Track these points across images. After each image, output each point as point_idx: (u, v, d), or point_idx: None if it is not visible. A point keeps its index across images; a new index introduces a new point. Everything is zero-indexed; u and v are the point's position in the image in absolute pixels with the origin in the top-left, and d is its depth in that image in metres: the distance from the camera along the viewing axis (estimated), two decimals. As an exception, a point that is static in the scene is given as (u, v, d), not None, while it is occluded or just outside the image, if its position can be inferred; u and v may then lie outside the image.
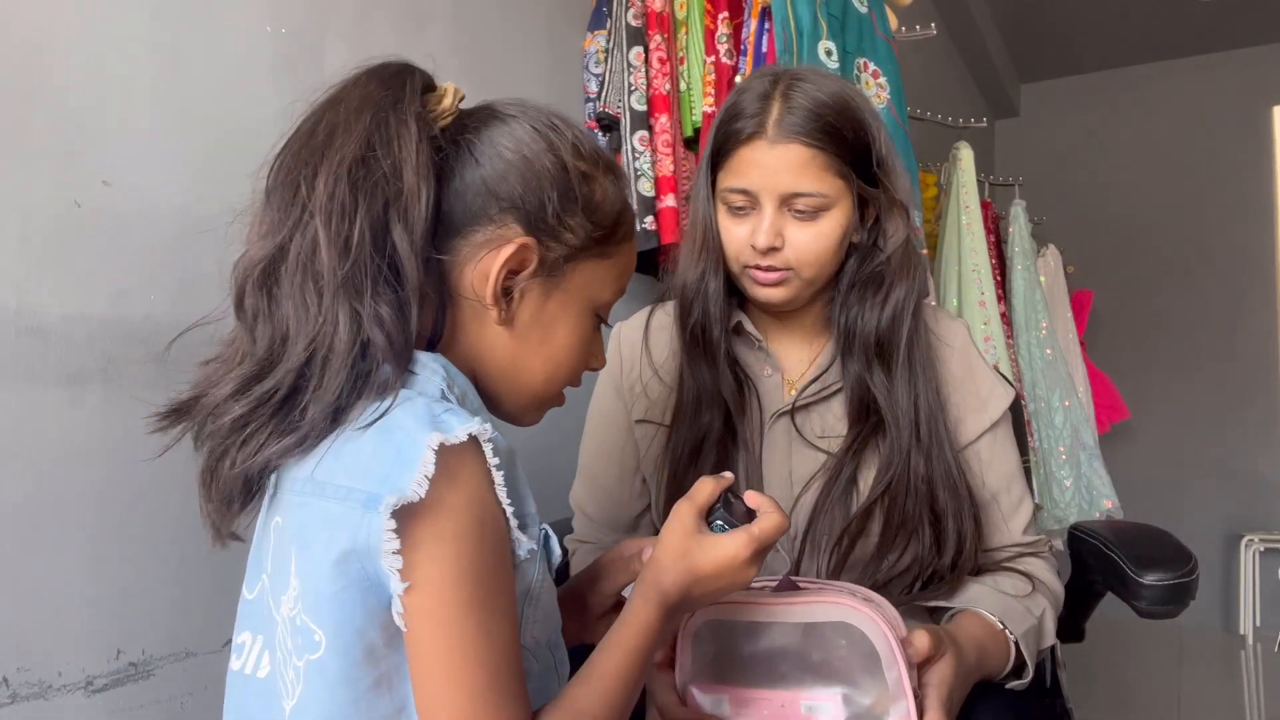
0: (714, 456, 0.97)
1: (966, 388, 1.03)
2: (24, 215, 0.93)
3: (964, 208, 2.77)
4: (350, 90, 0.63)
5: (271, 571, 0.62)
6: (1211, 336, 4.35)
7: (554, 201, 0.65)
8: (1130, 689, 3.15)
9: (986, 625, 0.90)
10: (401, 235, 0.59)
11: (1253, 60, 4.36)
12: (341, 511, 0.57)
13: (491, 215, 0.64)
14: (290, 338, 0.58)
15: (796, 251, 0.94)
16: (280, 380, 0.58)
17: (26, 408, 0.93)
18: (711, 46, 1.81)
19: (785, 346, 1.05)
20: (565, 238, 0.66)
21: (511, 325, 0.66)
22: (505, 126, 0.66)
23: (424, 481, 0.54)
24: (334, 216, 0.58)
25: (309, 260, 0.58)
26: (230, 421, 0.59)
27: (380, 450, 0.56)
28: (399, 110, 0.61)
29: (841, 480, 0.96)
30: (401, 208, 0.59)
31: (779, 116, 0.92)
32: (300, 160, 0.61)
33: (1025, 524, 1.01)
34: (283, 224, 0.59)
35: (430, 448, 0.54)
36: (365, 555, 0.55)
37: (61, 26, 0.97)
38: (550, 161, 0.65)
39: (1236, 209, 4.36)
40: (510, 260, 0.63)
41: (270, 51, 1.20)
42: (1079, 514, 2.83)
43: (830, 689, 0.73)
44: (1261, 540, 3.97)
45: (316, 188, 0.59)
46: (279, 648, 0.60)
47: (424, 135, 0.62)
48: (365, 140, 0.60)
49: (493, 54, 1.60)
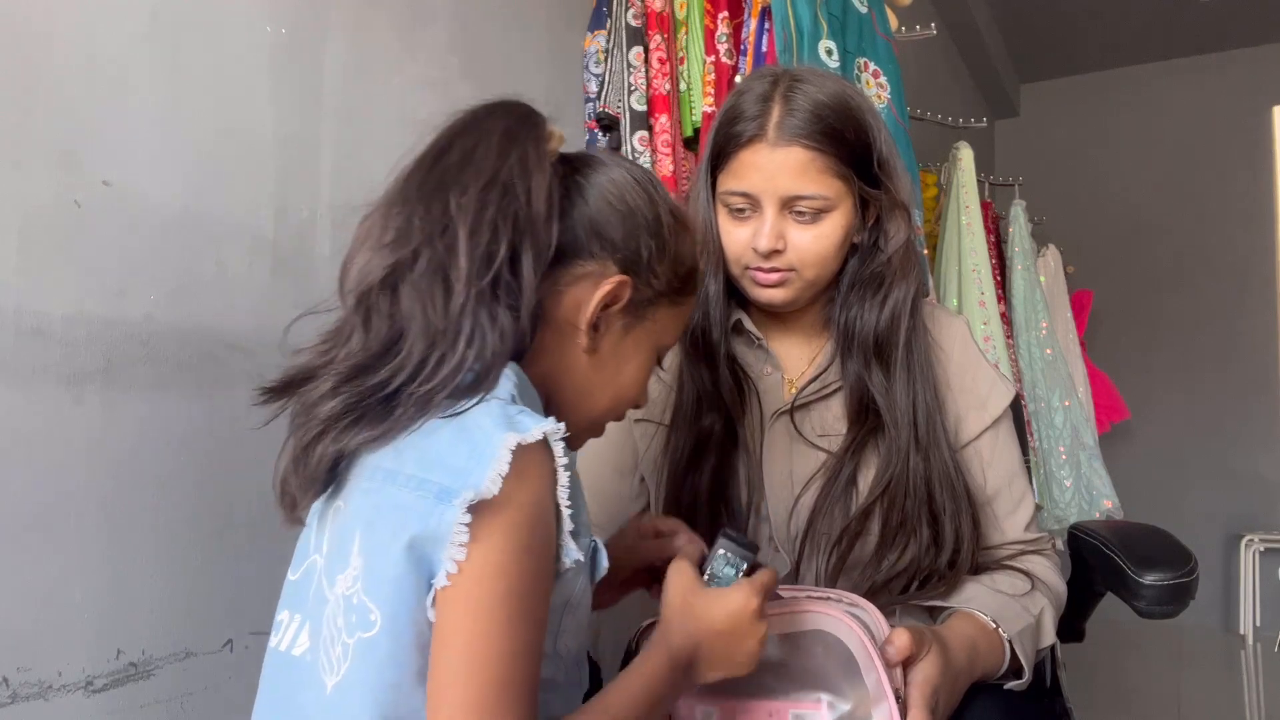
0: (714, 458, 0.97)
1: (966, 386, 1.03)
2: (24, 215, 0.93)
3: (964, 208, 2.77)
4: (485, 121, 0.68)
5: (328, 552, 0.64)
6: (1211, 337, 4.35)
7: (649, 248, 0.71)
8: (1130, 689, 3.15)
9: (979, 625, 0.89)
10: (528, 258, 0.64)
11: (1253, 60, 4.36)
12: (413, 501, 0.59)
13: (593, 252, 0.70)
14: (408, 336, 0.62)
15: (798, 253, 0.94)
16: (391, 374, 0.61)
17: (26, 408, 0.93)
18: (711, 46, 1.81)
19: (785, 346, 1.05)
20: (653, 282, 0.72)
21: (594, 353, 0.71)
22: (610, 175, 0.72)
23: (498, 479, 0.57)
24: (479, 232, 0.63)
25: (443, 268, 0.62)
26: (334, 407, 0.62)
27: (456, 446, 0.60)
28: (537, 147, 0.67)
29: (841, 480, 0.96)
30: (533, 233, 0.64)
31: (779, 119, 0.92)
32: (434, 179, 0.65)
33: (1026, 521, 1.01)
34: (414, 233, 0.63)
35: (508, 448, 0.57)
36: (431, 543, 0.58)
37: (61, 26, 0.97)
38: (649, 213, 0.72)
39: (1236, 209, 4.36)
40: (607, 294, 0.69)
41: (270, 51, 1.20)
42: (1079, 514, 2.83)
43: (815, 696, 0.74)
44: (1261, 540, 3.97)
45: (462, 204, 0.63)
46: (327, 624, 0.62)
47: (553, 172, 0.67)
48: (506, 168, 0.65)
49: (493, 54, 1.60)
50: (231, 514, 1.12)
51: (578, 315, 0.69)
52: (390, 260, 0.63)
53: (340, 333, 0.66)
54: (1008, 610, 0.91)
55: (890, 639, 0.77)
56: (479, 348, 0.62)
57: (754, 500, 0.98)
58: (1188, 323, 4.40)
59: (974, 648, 0.87)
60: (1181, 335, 4.40)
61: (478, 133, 0.67)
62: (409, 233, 0.64)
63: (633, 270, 0.70)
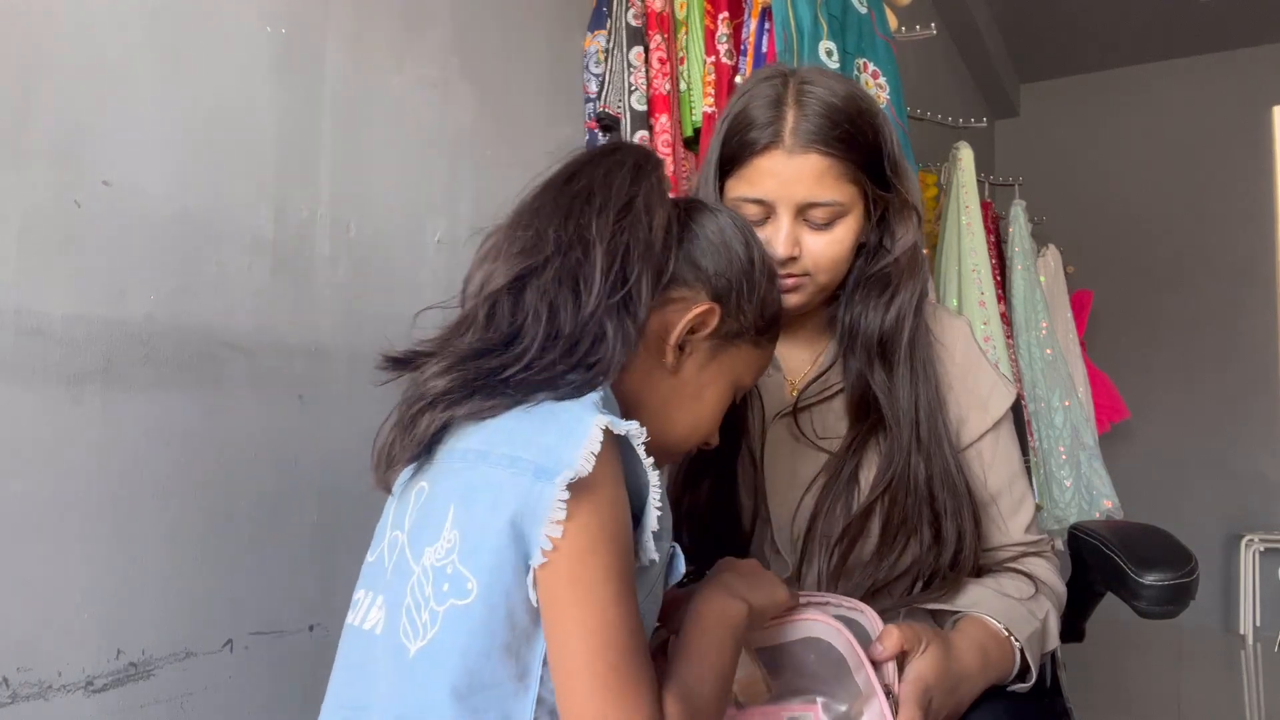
0: (715, 462, 0.97)
1: (968, 386, 1.02)
2: (24, 215, 0.93)
3: (964, 208, 2.77)
4: (613, 155, 0.74)
5: (412, 528, 0.67)
6: (1211, 337, 4.35)
7: (740, 288, 0.77)
8: (1130, 689, 3.15)
9: (990, 631, 0.89)
10: (646, 280, 0.70)
11: (1253, 60, 4.36)
12: (508, 478, 0.62)
13: (689, 280, 0.75)
14: (528, 332, 0.67)
15: (813, 259, 0.94)
16: (505, 364, 0.66)
17: (26, 408, 0.94)
18: (711, 46, 1.81)
19: (788, 347, 1.05)
20: (739, 318, 0.77)
21: (677, 374, 0.76)
22: (715, 219, 0.79)
23: (590, 458, 0.60)
24: (614, 250, 0.69)
25: (575, 278, 0.68)
26: (447, 384, 0.66)
27: (545, 426, 0.63)
28: (660, 184, 0.74)
29: (842, 478, 0.96)
30: (653, 259, 0.71)
31: (795, 124, 0.91)
32: (565, 201, 0.71)
33: (1027, 523, 1.01)
34: (545, 245, 0.69)
35: (599, 427, 0.61)
36: (530, 520, 0.60)
37: (61, 26, 0.97)
38: (744, 256, 0.78)
39: (1236, 209, 4.36)
40: (696, 318, 0.74)
41: (270, 51, 1.20)
42: (1079, 514, 2.83)
43: (809, 699, 0.76)
44: (1261, 540, 3.97)
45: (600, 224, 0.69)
46: (412, 593, 0.64)
47: (670, 202, 0.74)
48: (638, 197, 0.71)
49: (493, 54, 1.60)
50: (232, 514, 1.12)
51: (667, 335, 0.74)
52: (519, 267, 0.68)
53: (461, 325, 0.70)
54: (1015, 614, 0.91)
55: (880, 637, 0.78)
56: (599, 354, 0.66)
57: (756, 503, 0.98)
58: (1188, 323, 4.40)
59: (985, 653, 0.87)
60: (1181, 335, 4.40)
61: (608, 164, 0.73)
62: (540, 244, 0.69)
63: (722, 301, 0.76)
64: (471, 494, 0.64)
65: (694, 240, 0.77)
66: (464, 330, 0.69)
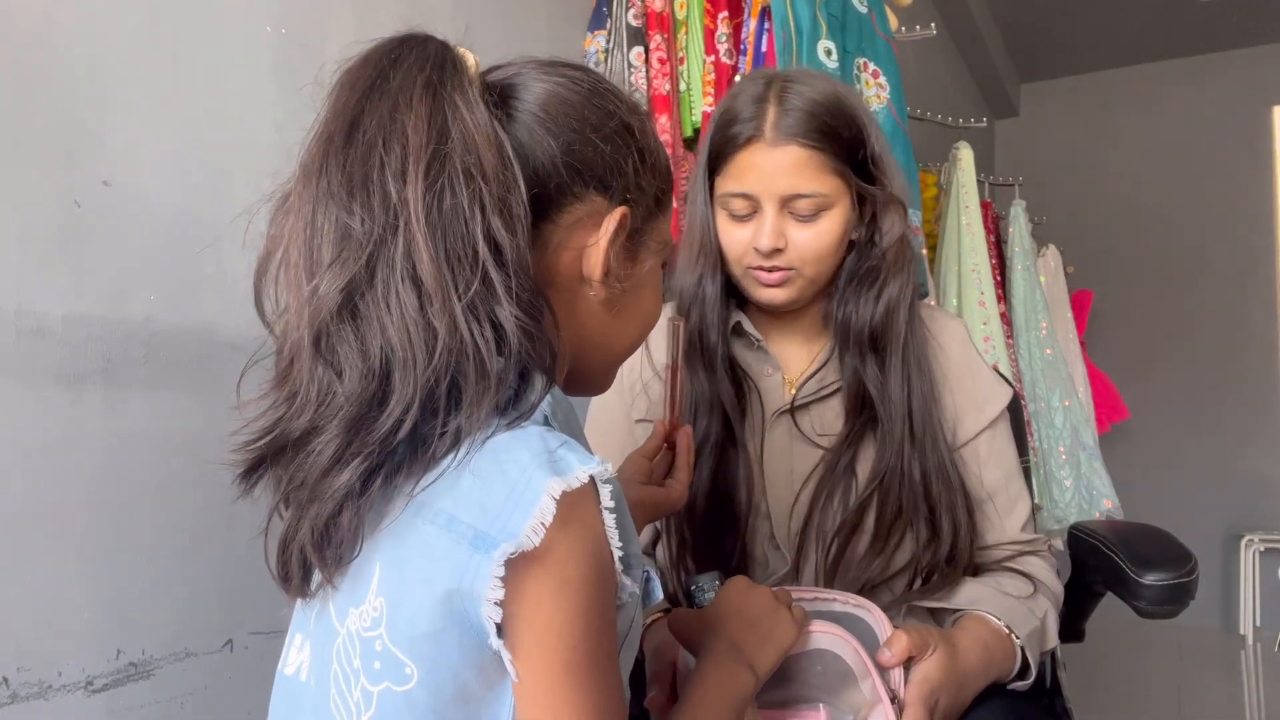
0: (713, 460, 0.97)
1: (964, 386, 1.03)
2: (24, 215, 0.94)
3: (964, 208, 2.77)
4: (390, 73, 0.56)
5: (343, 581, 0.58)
6: (1211, 336, 4.35)
7: (633, 164, 0.62)
8: (1130, 689, 3.15)
9: (992, 628, 0.90)
10: (501, 229, 0.53)
11: (1253, 60, 4.36)
12: (445, 544, 0.52)
13: (575, 192, 0.60)
14: (394, 367, 0.52)
15: (799, 251, 0.95)
16: (397, 419, 0.52)
17: (26, 408, 0.94)
18: (711, 46, 1.81)
19: (785, 346, 1.05)
20: (642, 200, 0.64)
21: (609, 299, 0.63)
22: (554, 90, 0.61)
23: (540, 529, 0.50)
24: (435, 222, 0.52)
25: (412, 275, 0.52)
26: (350, 478, 0.52)
27: (492, 485, 0.52)
28: (464, 93, 0.56)
29: (838, 472, 0.96)
30: (496, 197, 0.54)
31: (775, 119, 0.93)
32: (357, 165, 0.54)
33: (1023, 522, 1.02)
34: (358, 240, 0.53)
35: (551, 495, 0.50)
36: (468, 598, 0.51)
37: (61, 26, 0.97)
38: (616, 125, 0.61)
39: (1236, 209, 4.35)
40: (615, 234, 0.60)
41: (270, 51, 1.20)
42: (1079, 514, 2.83)
43: (815, 706, 0.76)
44: (1261, 540, 3.97)
45: (406, 194, 0.52)
46: (338, 660, 0.56)
47: (491, 114, 0.56)
48: (435, 129, 0.54)
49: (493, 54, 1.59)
50: (232, 514, 1.12)
51: (582, 269, 0.61)
52: (342, 281, 0.52)
53: (297, 378, 0.55)
54: (1016, 613, 0.92)
55: (889, 642, 0.78)
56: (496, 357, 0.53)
57: (754, 500, 0.98)
58: (1188, 322, 4.40)
59: (988, 650, 0.87)
60: (1181, 335, 4.40)
61: (391, 93, 0.55)
62: (351, 241, 0.53)
63: (627, 197, 0.62)
64: (402, 556, 0.54)
65: (551, 136, 0.59)
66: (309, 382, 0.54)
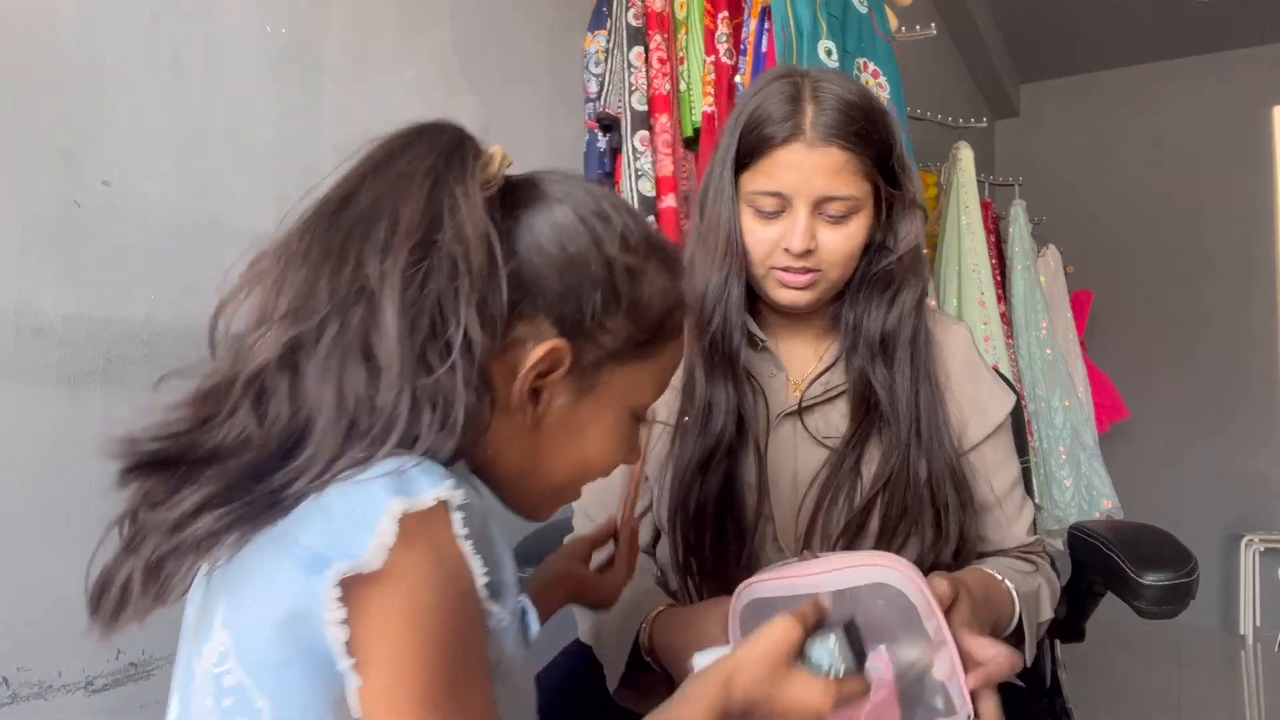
0: (725, 464, 0.97)
1: (967, 391, 1.03)
2: (24, 215, 0.93)
3: (964, 208, 2.77)
4: (402, 157, 0.57)
5: (194, 615, 0.57)
6: (1211, 336, 4.35)
7: (595, 303, 0.60)
8: (1130, 689, 3.15)
9: (990, 577, 0.92)
10: (477, 325, 0.54)
11: (1253, 60, 4.36)
12: (284, 567, 0.50)
13: (526, 310, 0.59)
14: (315, 429, 0.52)
15: (827, 254, 0.94)
16: (288, 480, 0.51)
17: (27, 408, 0.93)
18: (711, 46, 1.81)
19: (791, 347, 1.05)
20: (603, 341, 0.61)
21: (537, 427, 0.61)
22: (549, 212, 0.61)
23: (382, 550, 0.48)
24: (410, 301, 0.53)
25: (365, 346, 0.53)
26: (205, 527, 0.51)
27: (336, 508, 0.50)
28: (467, 189, 0.56)
29: (843, 472, 0.96)
30: (478, 294, 0.55)
31: (814, 118, 0.92)
32: (341, 233, 0.55)
33: (1027, 528, 1.03)
34: (319, 302, 0.53)
35: (393, 517, 0.48)
36: (310, 622, 0.49)
37: (61, 26, 0.97)
38: (595, 257, 0.60)
39: (1236, 209, 4.35)
40: (540, 363, 0.59)
41: (270, 51, 1.20)
42: (1079, 514, 2.83)
43: (877, 649, 0.73)
44: (1261, 540, 3.97)
45: (385, 269, 0.53)
46: (194, 702, 0.54)
47: (491, 214, 0.57)
48: (428, 215, 0.55)
49: (493, 54, 1.60)
50: (231, 514, 1.13)
51: (501, 380, 0.59)
52: (288, 335, 0.53)
53: (217, 407, 0.54)
54: (1011, 571, 0.95)
55: (932, 587, 0.76)
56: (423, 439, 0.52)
57: (759, 501, 0.98)
58: (1188, 323, 4.40)
59: (988, 590, 0.89)
60: (1181, 335, 4.40)
61: (393, 174, 0.56)
62: (312, 302, 0.53)
63: (574, 331, 0.60)
64: (244, 583, 0.51)
65: (522, 253, 0.59)
66: (229, 414, 0.53)
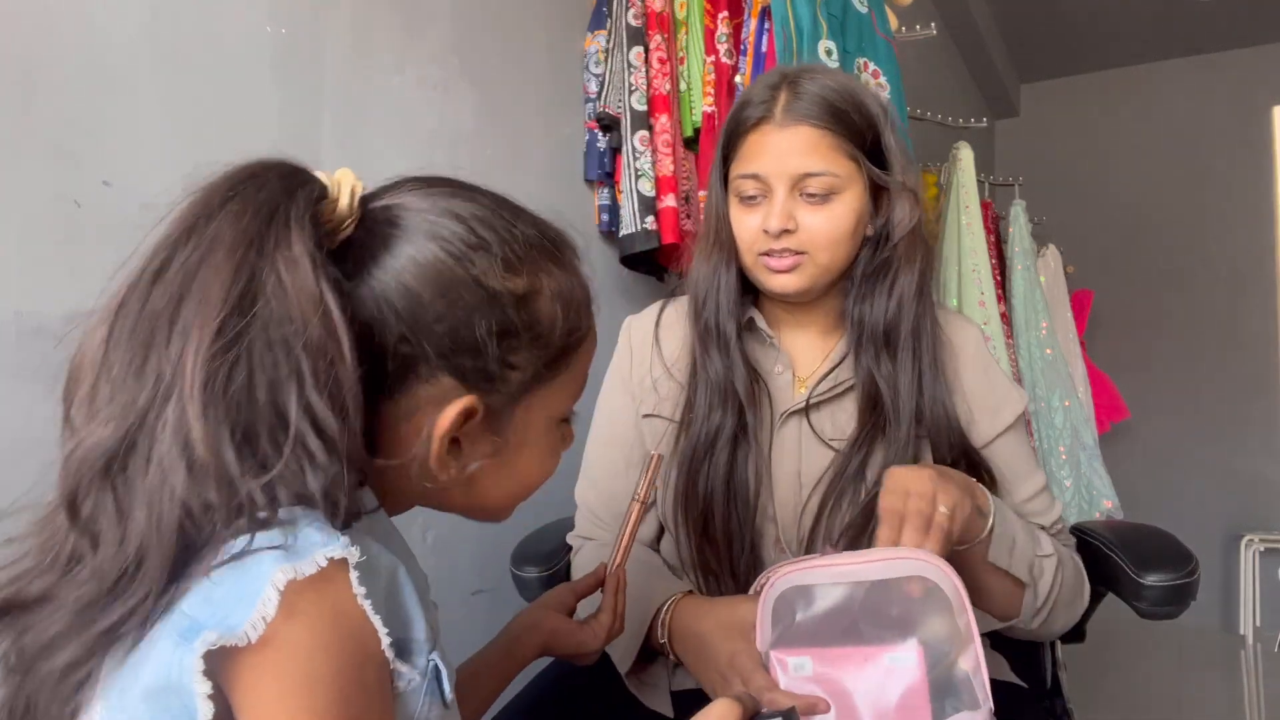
0: (726, 457, 0.97)
1: (979, 392, 1.02)
2: (24, 215, 0.93)
3: (964, 208, 2.77)
4: (215, 213, 0.50)
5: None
6: (1211, 337, 4.35)
7: (492, 347, 0.54)
8: (1130, 689, 3.15)
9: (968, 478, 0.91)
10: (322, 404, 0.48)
11: (1253, 60, 4.36)
12: (164, 633, 0.46)
13: (420, 373, 0.53)
14: (149, 554, 0.47)
15: (809, 235, 0.95)
16: (129, 612, 0.47)
17: (27, 408, 0.93)
18: (711, 46, 1.81)
19: (798, 343, 1.05)
20: (513, 378, 0.56)
21: (464, 476, 0.57)
22: (411, 251, 0.53)
23: (260, 623, 0.44)
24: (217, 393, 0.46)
25: (181, 449, 0.46)
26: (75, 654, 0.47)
27: (224, 576, 0.46)
28: (289, 246, 0.49)
29: (848, 474, 0.95)
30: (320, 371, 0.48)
31: (786, 103, 0.94)
32: (148, 316, 0.48)
33: (1054, 520, 1.02)
34: (135, 400, 0.47)
35: (276, 586, 0.45)
36: (182, 693, 0.45)
37: (61, 26, 0.97)
38: (477, 296, 0.54)
39: (1236, 209, 4.36)
40: (452, 427, 0.54)
41: (270, 51, 1.20)
42: (1079, 514, 2.83)
43: (909, 640, 0.74)
44: (1261, 540, 3.97)
45: (187, 361, 0.46)
46: None
47: (330, 273, 0.49)
48: (238, 291, 0.47)
49: (493, 54, 1.60)
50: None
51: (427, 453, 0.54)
52: (108, 438, 0.48)
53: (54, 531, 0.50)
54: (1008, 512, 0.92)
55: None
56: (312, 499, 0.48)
57: (760, 500, 0.98)
58: (1188, 323, 4.40)
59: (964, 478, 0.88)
60: (1181, 335, 4.40)
61: (205, 240, 0.49)
62: (132, 394, 0.48)
63: (477, 382, 0.54)
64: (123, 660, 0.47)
65: (395, 304, 0.52)
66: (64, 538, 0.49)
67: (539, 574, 1.11)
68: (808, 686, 0.75)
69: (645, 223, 1.71)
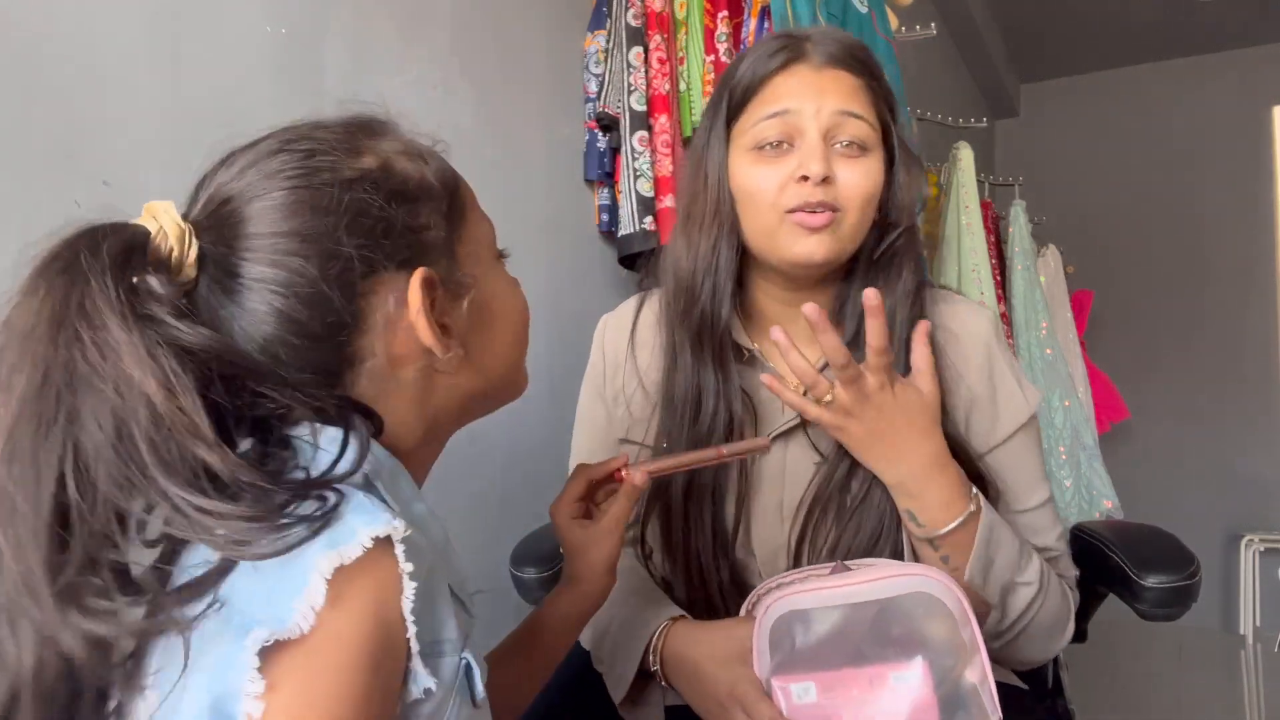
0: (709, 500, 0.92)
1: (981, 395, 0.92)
2: (24, 215, 0.93)
3: (964, 208, 2.77)
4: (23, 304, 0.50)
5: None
6: (1211, 336, 4.35)
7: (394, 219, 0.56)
8: (1130, 689, 3.15)
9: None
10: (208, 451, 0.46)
11: (1252, 60, 4.36)
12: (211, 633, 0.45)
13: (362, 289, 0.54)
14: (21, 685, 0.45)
15: (845, 190, 0.84)
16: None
17: (26, 408, 0.93)
18: (711, 46, 1.81)
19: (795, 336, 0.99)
20: (433, 237, 0.58)
21: (465, 350, 0.59)
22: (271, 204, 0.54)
23: (309, 614, 0.44)
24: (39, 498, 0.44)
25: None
26: None
27: (270, 566, 0.46)
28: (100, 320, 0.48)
29: (834, 485, 0.90)
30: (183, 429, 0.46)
31: (815, 46, 0.87)
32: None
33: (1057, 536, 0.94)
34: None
35: (323, 575, 0.44)
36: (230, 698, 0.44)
37: (61, 26, 0.97)
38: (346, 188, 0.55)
39: (1236, 209, 4.36)
40: (425, 302, 0.56)
41: (270, 51, 1.19)
42: (1079, 514, 2.83)
43: (913, 659, 0.73)
44: (1261, 540, 3.97)
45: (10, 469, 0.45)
46: None
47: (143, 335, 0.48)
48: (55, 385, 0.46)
49: (493, 54, 1.59)
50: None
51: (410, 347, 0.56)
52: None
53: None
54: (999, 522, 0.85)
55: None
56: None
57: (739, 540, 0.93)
58: (1188, 323, 4.40)
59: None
60: (1181, 335, 4.40)
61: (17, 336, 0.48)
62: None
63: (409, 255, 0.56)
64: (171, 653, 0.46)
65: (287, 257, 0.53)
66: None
67: (538, 574, 1.11)
68: (813, 713, 0.73)
69: (644, 223, 1.71)
